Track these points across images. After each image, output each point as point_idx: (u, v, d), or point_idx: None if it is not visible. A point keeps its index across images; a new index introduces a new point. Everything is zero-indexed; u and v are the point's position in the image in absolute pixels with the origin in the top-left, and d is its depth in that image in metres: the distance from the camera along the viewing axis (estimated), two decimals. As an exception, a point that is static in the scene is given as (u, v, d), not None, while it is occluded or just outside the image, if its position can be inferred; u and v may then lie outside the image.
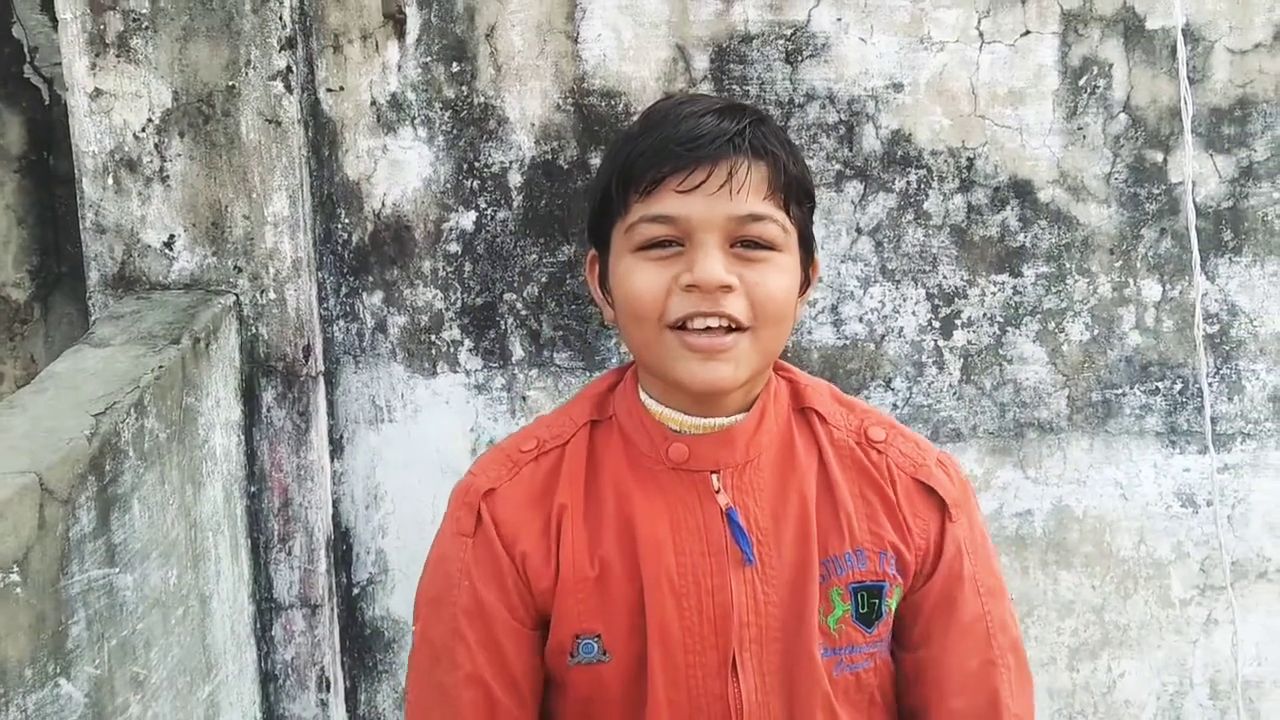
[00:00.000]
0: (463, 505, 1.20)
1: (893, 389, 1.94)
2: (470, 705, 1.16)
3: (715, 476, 1.17)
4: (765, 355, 1.15)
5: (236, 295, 1.77)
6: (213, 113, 1.75)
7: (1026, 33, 1.88)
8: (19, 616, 1.16)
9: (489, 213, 1.87)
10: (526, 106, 1.86)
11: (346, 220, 1.87)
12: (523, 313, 1.89)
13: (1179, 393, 1.97)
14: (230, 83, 1.74)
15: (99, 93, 1.74)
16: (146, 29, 1.73)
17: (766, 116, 1.19)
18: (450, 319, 1.89)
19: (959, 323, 1.93)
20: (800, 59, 1.87)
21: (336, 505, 1.90)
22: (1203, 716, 2.02)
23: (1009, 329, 1.94)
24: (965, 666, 1.18)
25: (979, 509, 1.27)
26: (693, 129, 1.11)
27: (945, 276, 1.92)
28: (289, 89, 1.75)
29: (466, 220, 1.87)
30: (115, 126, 1.74)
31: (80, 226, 1.77)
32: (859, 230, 1.91)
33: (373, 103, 1.84)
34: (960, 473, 1.25)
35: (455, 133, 1.86)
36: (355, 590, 1.93)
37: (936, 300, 1.93)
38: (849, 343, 1.93)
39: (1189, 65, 1.89)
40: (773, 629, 1.15)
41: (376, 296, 1.88)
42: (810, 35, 1.86)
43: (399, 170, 1.86)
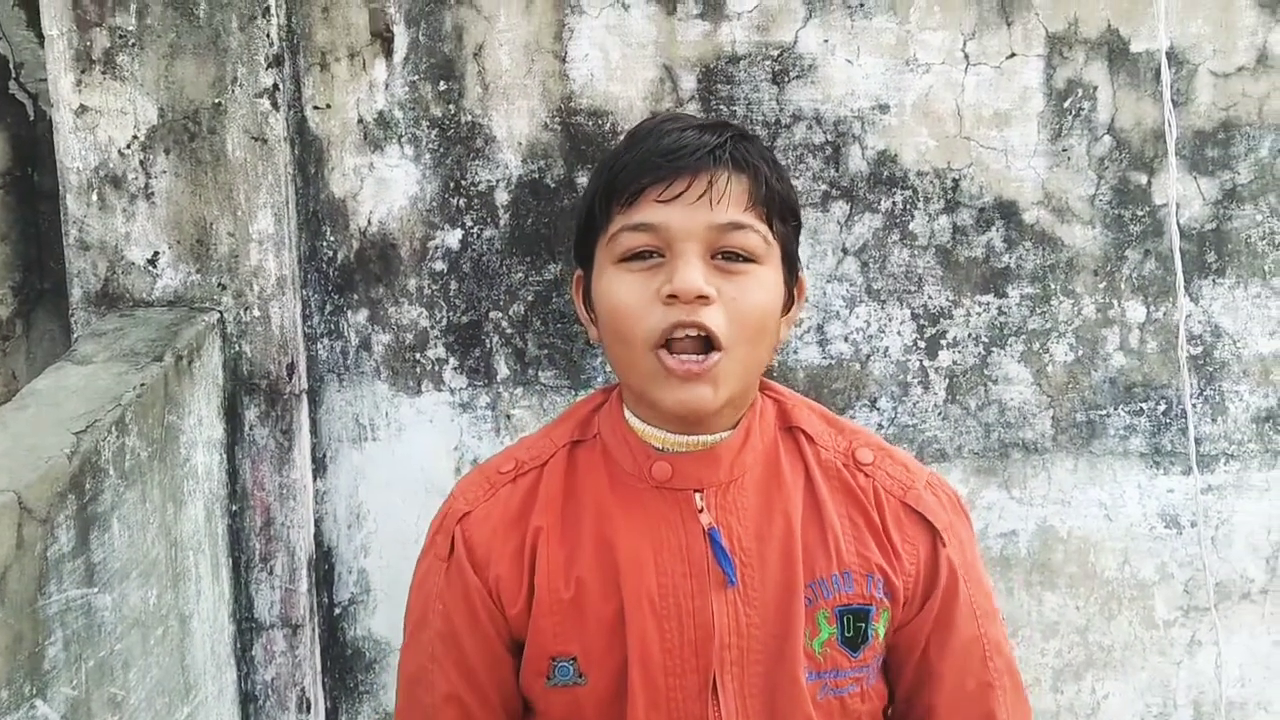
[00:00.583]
0: (440, 529, 1.21)
1: (878, 409, 1.94)
2: None
3: (699, 496, 1.16)
4: (746, 374, 1.14)
5: (220, 313, 1.76)
6: (198, 130, 1.74)
7: (1012, 55, 1.89)
8: (-5, 637, 1.15)
9: (475, 231, 1.87)
10: (514, 125, 1.85)
11: (332, 238, 1.86)
12: (508, 331, 1.89)
13: (1163, 414, 1.97)
14: (216, 100, 1.74)
15: (84, 109, 1.73)
16: (133, 46, 1.72)
17: (750, 134, 1.19)
18: (435, 337, 1.88)
19: (944, 343, 1.94)
20: (787, 80, 1.87)
21: (319, 524, 1.88)
22: (1187, 738, 2.02)
23: (994, 349, 1.94)
24: (962, 688, 1.18)
25: (971, 527, 1.26)
26: (675, 142, 1.12)
27: (930, 297, 1.93)
28: (275, 106, 1.75)
29: (452, 238, 1.87)
30: (100, 143, 1.73)
31: (64, 243, 1.76)
32: (845, 250, 1.91)
33: (360, 120, 1.84)
34: (951, 492, 1.24)
35: (442, 151, 1.85)
36: (337, 610, 1.91)
37: (922, 320, 1.93)
38: (834, 362, 1.93)
39: (1173, 88, 1.90)
40: (755, 651, 1.14)
41: (361, 314, 1.88)
42: (797, 56, 1.87)
43: (385, 188, 1.85)
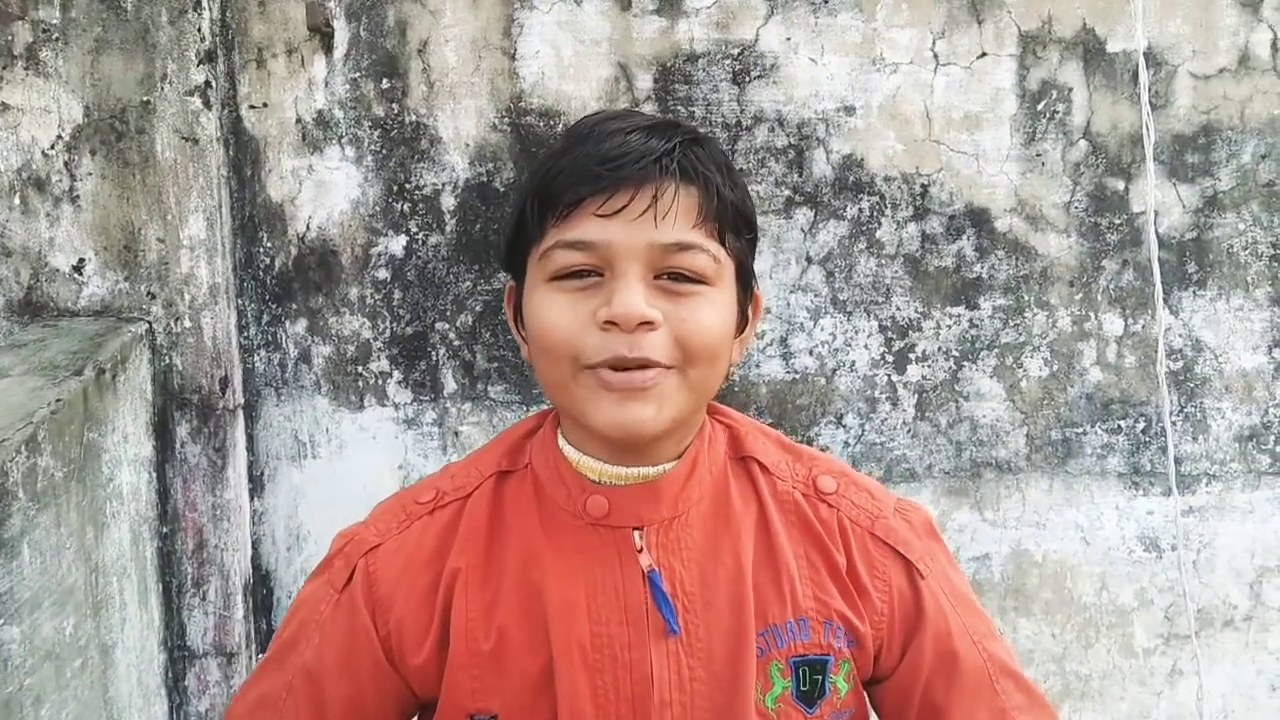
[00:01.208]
0: (340, 554, 1.09)
1: (844, 426, 1.85)
2: None
3: (638, 534, 1.05)
4: (694, 397, 1.03)
5: (149, 323, 1.68)
6: (126, 129, 1.66)
7: (983, 55, 1.82)
8: None
9: (420, 237, 1.78)
10: (460, 126, 1.77)
11: (269, 244, 1.77)
12: (455, 343, 1.80)
13: (1142, 431, 1.89)
14: (145, 98, 1.66)
15: (5, 107, 1.66)
16: (57, 40, 1.64)
17: (703, 136, 1.08)
18: (379, 349, 1.80)
19: (913, 357, 1.85)
20: (748, 79, 1.79)
21: (256, 547, 1.79)
22: (1168, 769, 1.95)
23: (965, 364, 1.86)
24: None
25: (946, 548, 1.16)
26: (616, 147, 1.00)
27: (899, 308, 1.85)
28: (208, 105, 1.67)
29: (396, 245, 1.78)
30: (23, 143, 1.66)
31: (-17, 249, 1.68)
32: (809, 259, 1.83)
33: (298, 120, 1.76)
34: (924, 515, 1.14)
35: (385, 153, 1.77)
36: (276, 636, 1.83)
37: (890, 333, 1.85)
38: (799, 377, 1.84)
39: (1151, 90, 1.83)
40: (700, 709, 1.03)
41: (300, 325, 1.79)
42: (758, 55, 1.79)
43: (325, 191, 1.77)
